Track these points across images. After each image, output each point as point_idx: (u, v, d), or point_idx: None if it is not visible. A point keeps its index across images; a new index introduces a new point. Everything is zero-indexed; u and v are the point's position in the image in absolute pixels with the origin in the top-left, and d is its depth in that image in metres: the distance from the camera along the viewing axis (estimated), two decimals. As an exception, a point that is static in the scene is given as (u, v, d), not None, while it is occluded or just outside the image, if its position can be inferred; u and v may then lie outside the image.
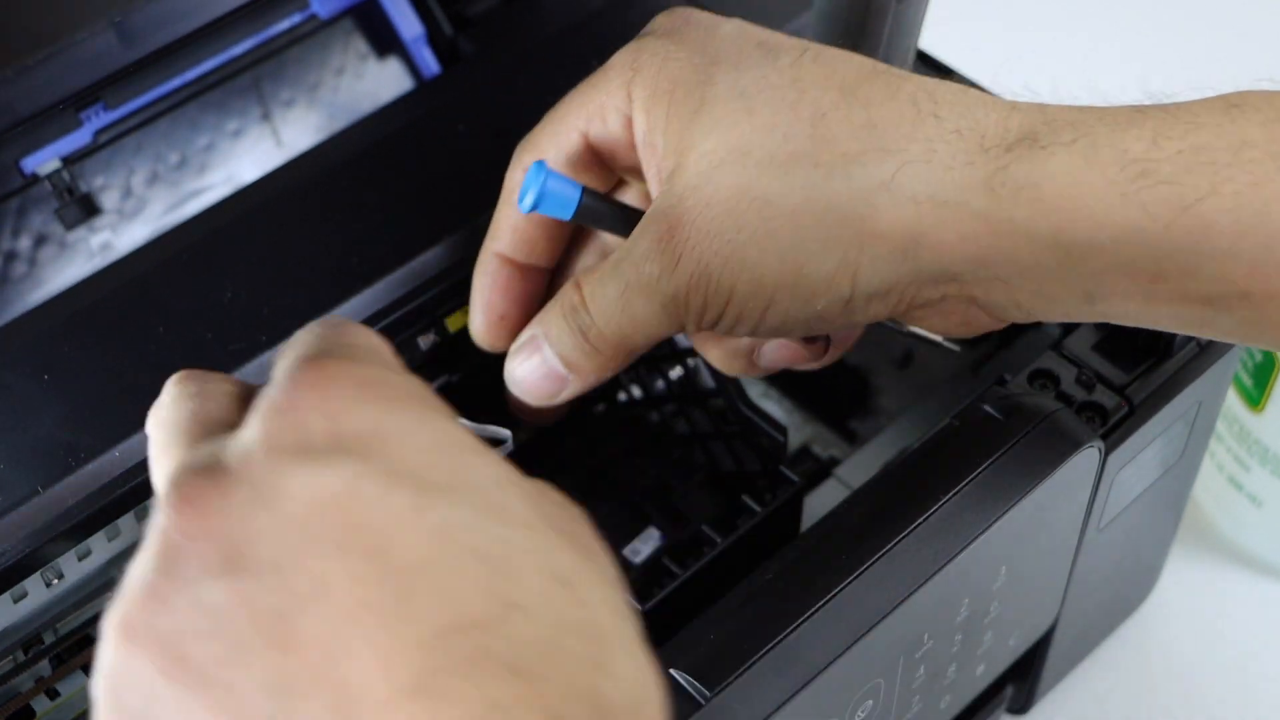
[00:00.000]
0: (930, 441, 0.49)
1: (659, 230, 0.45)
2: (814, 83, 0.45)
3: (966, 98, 0.44)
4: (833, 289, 0.44)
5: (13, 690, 0.50)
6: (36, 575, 0.48)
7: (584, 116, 0.48)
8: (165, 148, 0.58)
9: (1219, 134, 0.41)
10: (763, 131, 0.44)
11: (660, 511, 0.53)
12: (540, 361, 0.48)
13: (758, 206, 0.44)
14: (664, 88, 0.46)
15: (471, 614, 0.29)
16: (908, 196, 0.42)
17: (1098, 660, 0.66)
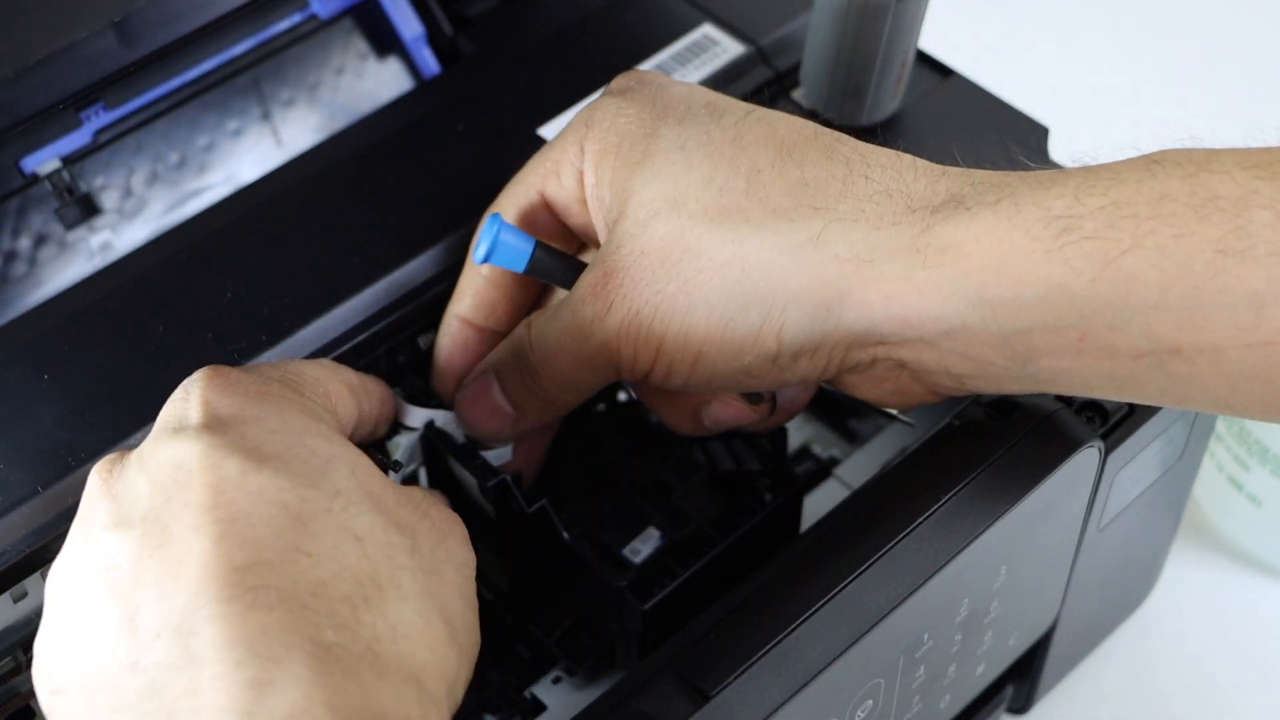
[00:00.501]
0: (930, 441, 0.49)
1: (595, 276, 0.46)
2: (754, 141, 0.46)
3: (899, 162, 0.45)
4: (759, 344, 0.45)
5: (13, 690, 0.50)
6: (36, 575, 0.48)
7: (541, 175, 0.49)
8: (165, 148, 0.58)
9: (1139, 189, 0.41)
10: (699, 185, 0.45)
11: (660, 511, 0.53)
12: (489, 399, 0.50)
13: (689, 257, 0.45)
14: (612, 142, 0.47)
15: (266, 555, 0.38)
16: (832, 254, 0.43)
17: (1098, 660, 0.66)
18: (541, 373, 0.49)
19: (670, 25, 0.61)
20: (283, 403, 0.42)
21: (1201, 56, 0.90)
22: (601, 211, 0.48)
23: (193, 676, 0.36)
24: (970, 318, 0.43)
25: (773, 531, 0.52)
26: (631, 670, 0.47)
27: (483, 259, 0.48)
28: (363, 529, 0.40)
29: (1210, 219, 0.40)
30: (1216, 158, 0.41)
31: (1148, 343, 0.41)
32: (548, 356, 0.48)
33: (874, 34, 0.54)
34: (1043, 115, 0.59)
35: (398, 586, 0.39)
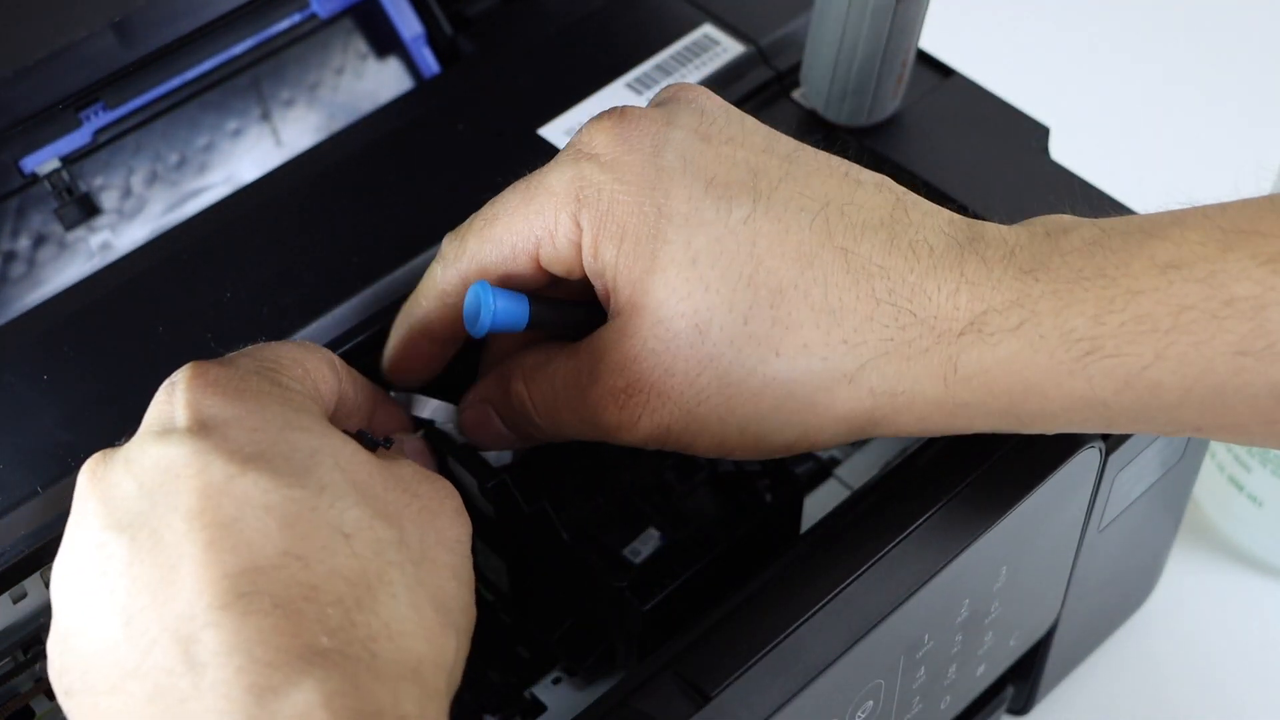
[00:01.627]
0: (930, 442, 0.49)
1: (618, 384, 0.46)
2: (769, 250, 0.45)
3: (917, 267, 0.44)
4: (793, 448, 0.47)
5: (13, 690, 0.50)
6: (36, 575, 0.48)
7: (532, 240, 0.47)
8: (165, 148, 0.58)
9: (1158, 301, 0.42)
10: (721, 309, 0.45)
11: (660, 511, 0.53)
12: (492, 427, 0.51)
13: (718, 385, 0.45)
14: (612, 232, 0.45)
15: (257, 560, 0.38)
16: (867, 389, 0.45)
17: (1098, 660, 0.66)
18: (545, 428, 0.49)
19: (670, 25, 0.61)
20: (262, 398, 0.42)
21: (1202, 56, 0.90)
22: (605, 289, 0.47)
23: (195, 682, 0.37)
24: (998, 427, 0.45)
25: (773, 532, 0.52)
26: (631, 670, 0.47)
27: (483, 332, 0.47)
28: (350, 525, 0.40)
29: (1228, 324, 0.41)
30: (1233, 251, 0.41)
31: (1171, 429, 0.43)
32: (557, 426, 0.49)
33: (874, 34, 0.54)
34: (1043, 115, 0.59)
35: (388, 583, 0.39)
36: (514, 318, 0.48)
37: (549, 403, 0.48)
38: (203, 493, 0.39)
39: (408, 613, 0.39)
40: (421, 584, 0.40)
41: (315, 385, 0.45)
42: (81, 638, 0.40)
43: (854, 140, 0.57)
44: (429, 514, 0.42)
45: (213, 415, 0.41)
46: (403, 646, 0.38)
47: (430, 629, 0.40)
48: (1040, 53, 0.90)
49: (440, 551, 0.42)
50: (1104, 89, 0.88)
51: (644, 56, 0.59)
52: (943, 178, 0.55)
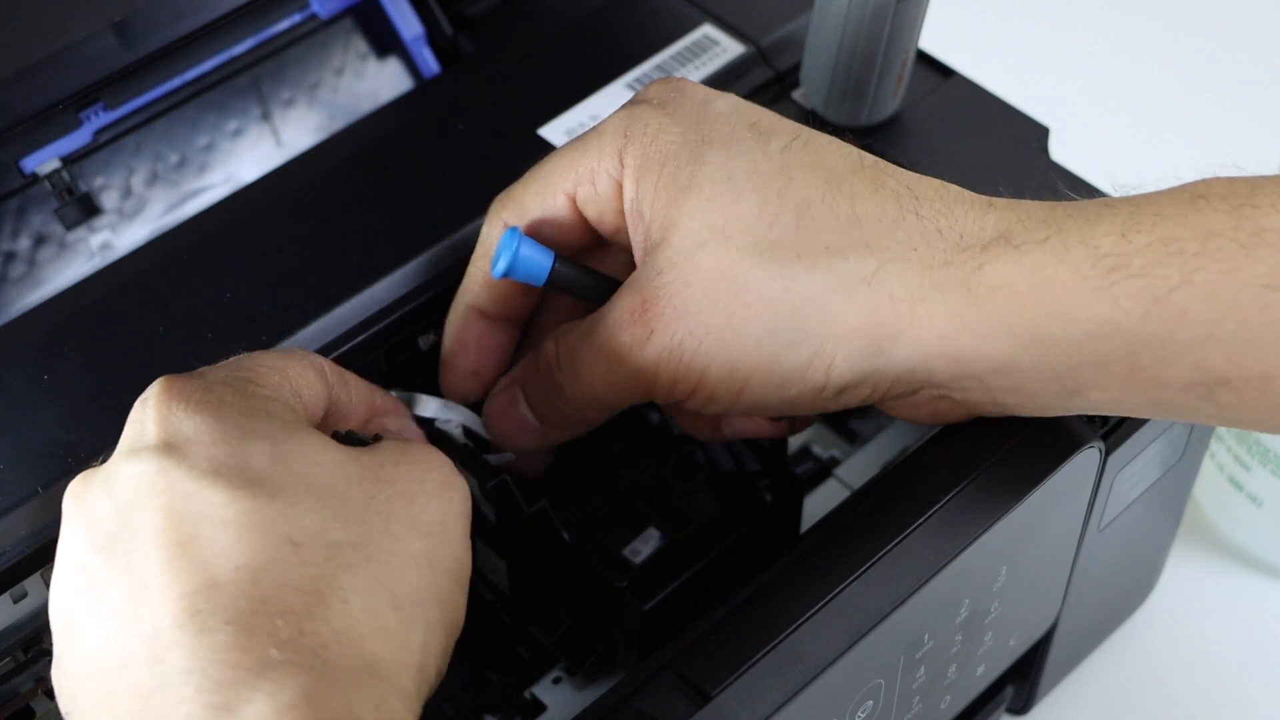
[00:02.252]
0: (930, 441, 0.49)
1: (635, 301, 0.46)
2: (802, 171, 0.46)
3: (946, 195, 0.45)
4: (806, 378, 0.45)
5: (13, 690, 0.50)
6: (36, 575, 0.48)
7: (572, 178, 0.48)
8: (165, 148, 0.58)
9: (1185, 224, 0.41)
10: (748, 217, 0.45)
11: (660, 511, 0.53)
12: (516, 413, 0.50)
13: (736, 291, 0.45)
14: (655, 160, 0.47)
15: (212, 577, 0.38)
16: (886, 294, 0.44)
17: (1098, 660, 0.66)
18: (569, 392, 0.48)
19: (670, 25, 0.61)
20: (224, 409, 0.42)
21: (1202, 56, 0.90)
22: (640, 228, 0.47)
23: (163, 702, 0.37)
24: (1020, 356, 0.43)
25: (773, 532, 0.52)
26: (631, 670, 0.47)
27: (502, 274, 0.48)
28: (301, 533, 0.39)
29: (1257, 254, 0.40)
30: (1261, 190, 0.41)
31: (1197, 374, 0.42)
32: (578, 376, 0.48)
33: (875, 34, 0.54)
34: (1043, 115, 0.59)
35: (338, 588, 0.39)
36: (534, 267, 0.48)
37: (573, 352, 0.48)
38: (165, 511, 0.39)
39: (360, 616, 0.39)
40: (380, 583, 0.40)
41: (296, 391, 0.45)
42: (69, 659, 0.40)
43: (854, 140, 0.57)
44: (402, 499, 0.42)
45: (177, 430, 0.41)
46: (356, 651, 0.38)
47: (388, 629, 0.39)
48: (1040, 53, 0.90)
49: (412, 540, 0.41)
50: (1104, 89, 0.88)
51: (644, 56, 0.59)
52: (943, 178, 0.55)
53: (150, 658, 0.38)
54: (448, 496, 0.43)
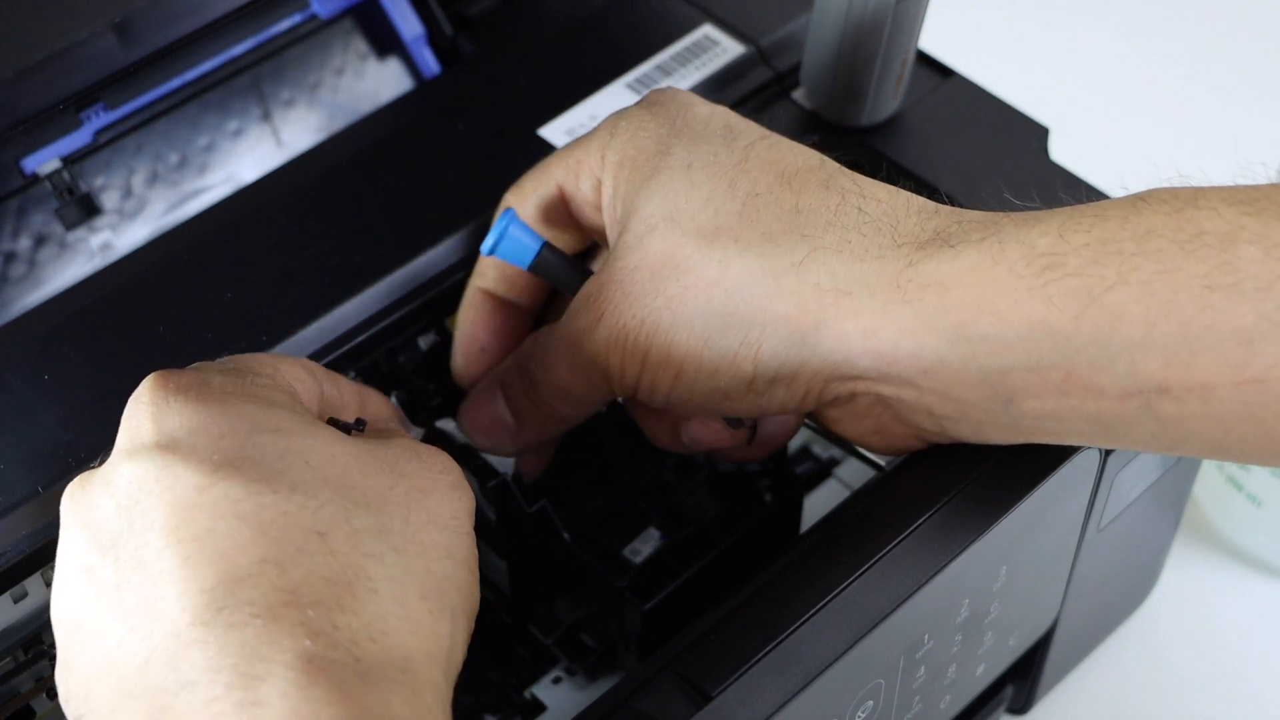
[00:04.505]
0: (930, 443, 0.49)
1: (592, 287, 0.47)
2: (758, 165, 0.46)
3: (895, 199, 0.45)
4: (735, 366, 0.45)
5: (13, 690, 0.50)
6: (36, 575, 0.48)
7: (564, 169, 0.49)
8: (165, 148, 0.58)
9: (1124, 225, 0.41)
10: (697, 204, 0.45)
11: (660, 511, 0.53)
12: (492, 409, 0.50)
13: (678, 274, 0.45)
14: (630, 155, 0.48)
15: (234, 571, 0.37)
16: (812, 283, 0.44)
17: (1098, 660, 0.66)
18: (540, 382, 0.49)
19: (670, 25, 0.61)
20: (226, 400, 0.41)
21: (1203, 55, 0.90)
22: (612, 222, 0.48)
23: (188, 700, 0.36)
24: (949, 355, 0.42)
25: (773, 532, 0.52)
26: (631, 670, 0.47)
27: (488, 250, 0.49)
28: (324, 523, 0.39)
29: (1197, 254, 0.39)
30: (1203, 195, 0.41)
31: (1134, 382, 0.40)
32: (547, 365, 0.48)
33: (874, 34, 0.54)
34: (1043, 115, 0.59)
35: (368, 579, 0.38)
36: (520, 249, 0.49)
37: (544, 343, 0.48)
38: (175, 507, 0.39)
39: (391, 607, 0.38)
40: (407, 572, 0.39)
41: (289, 384, 0.45)
42: (81, 662, 0.40)
43: (854, 140, 0.57)
44: (418, 493, 0.41)
45: (178, 425, 0.40)
46: (389, 645, 0.38)
47: (418, 620, 0.39)
48: (1040, 53, 0.90)
49: (431, 531, 0.41)
50: (1104, 89, 0.88)
51: (644, 56, 0.59)
52: (943, 178, 0.56)
53: (172, 655, 0.37)
54: (458, 495, 0.43)
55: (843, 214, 0.45)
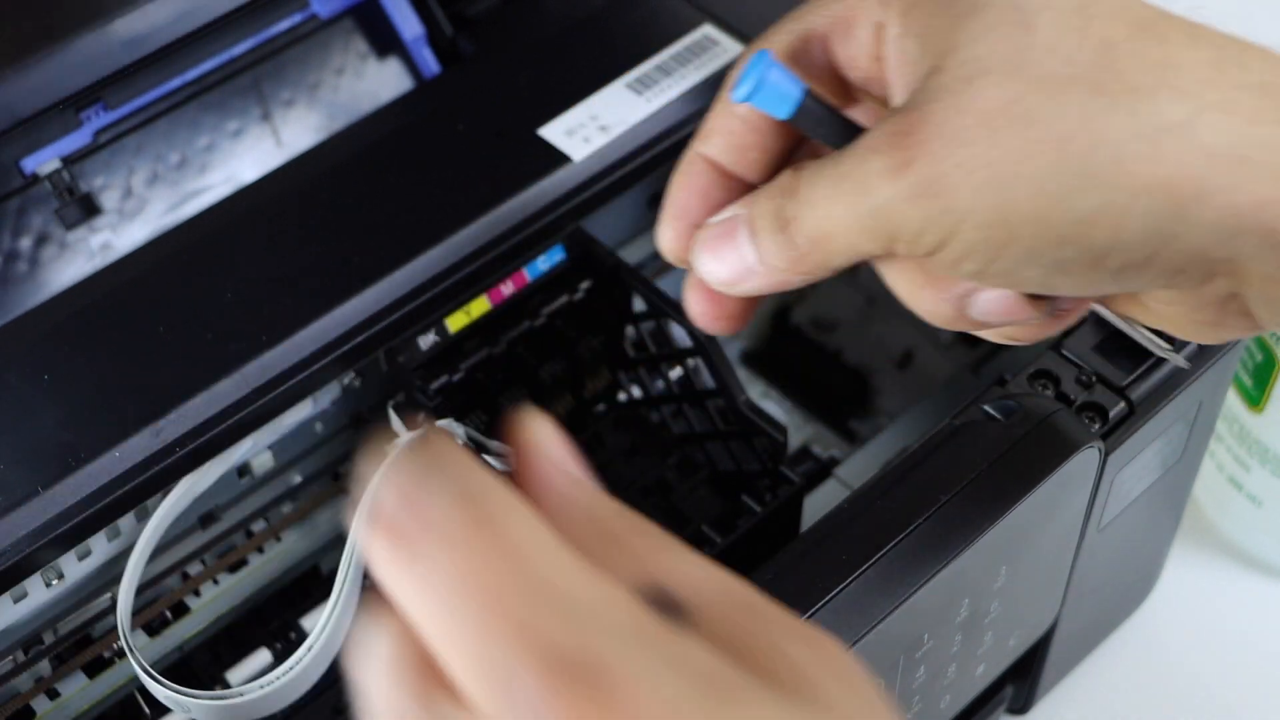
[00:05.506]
0: (930, 442, 0.49)
1: (896, 126, 0.39)
2: (1104, 12, 0.39)
3: (1273, 56, 0.39)
4: (1090, 235, 0.38)
5: (13, 690, 0.50)
6: (36, 575, 0.48)
7: (827, 21, 0.43)
8: (165, 148, 0.58)
9: None
10: (1041, 50, 0.39)
11: (660, 511, 0.53)
12: (734, 243, 0.43)
13: (1021, 125, 0.38)
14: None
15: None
16: (1201, 145, 0.37)
17: (1098, 660, 0.66)
18: (801, 223, 0.41)
19: (670, 25, 0.61)
20: None
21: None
22: (905, 64, 0.41)
23: None
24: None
25: (773, 531, 0.52)
26: (631, 670, 0.47)
27: (744, 97, 0.42)
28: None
29: None
30: None
31: None
32: (814, 205, 0.41)
33: (874, 34, 0.54)
34: (1043, 115, 0.59)
35: None
36: (781, 96, 0.42)
37: (813, 178, 0.41)
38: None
39: None
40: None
41: None
42: None
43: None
44: None
45: None
46: None
47: None
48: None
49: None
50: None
51: (644, 57, 0.59)
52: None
53: None
54: None
55: (1223, 71, 0.38)
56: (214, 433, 0.49)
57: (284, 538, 0.56)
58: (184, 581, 0.54)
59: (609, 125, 0.57)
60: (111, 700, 0.53)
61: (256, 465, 0.53)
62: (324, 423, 0.55)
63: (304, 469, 0.56)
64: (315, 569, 0.58)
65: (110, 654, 0.52)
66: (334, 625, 0.50)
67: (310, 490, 0.56)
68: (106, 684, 0.53)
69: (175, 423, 0.49)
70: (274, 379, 0.50)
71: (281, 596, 0.58)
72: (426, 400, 0.53)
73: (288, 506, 0.56)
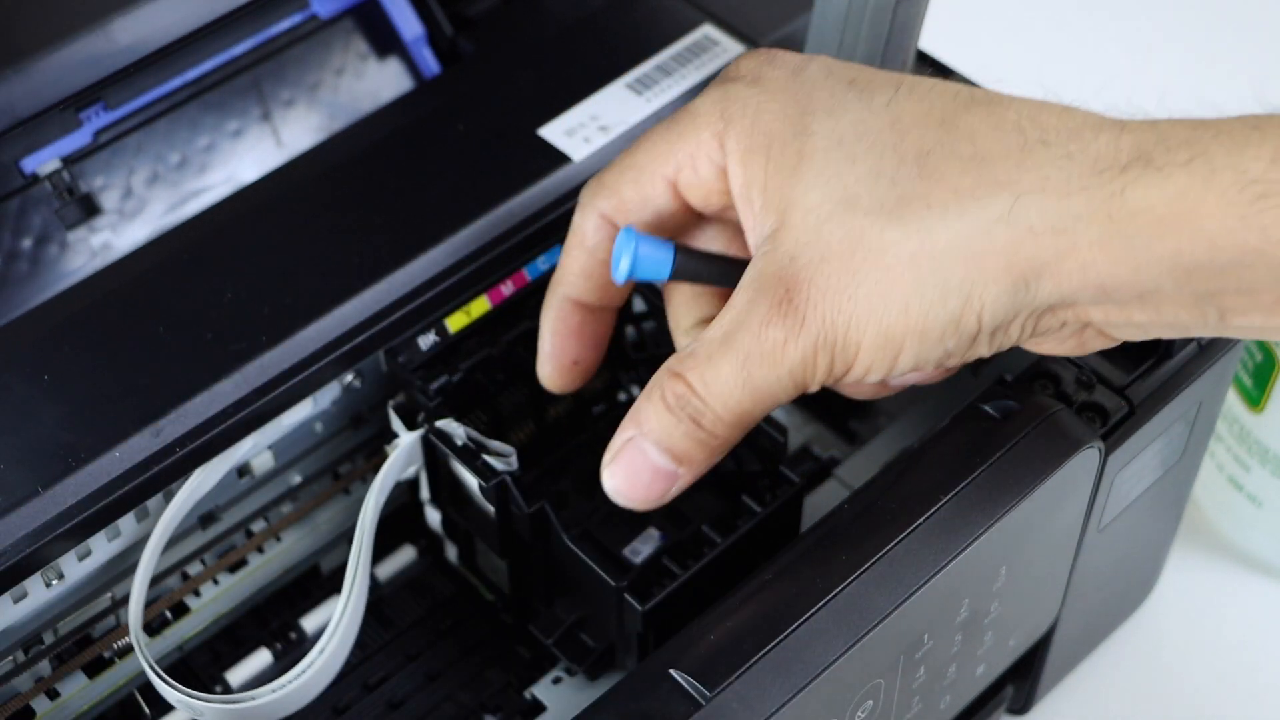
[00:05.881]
0: (930, 441, 0.49)
1: (776, 295, 0.44)
2: (913, 121, 0.44)
3: (1072, 120, 0.44)
4: (961, 328, 0.43)
5: (13, 690, 0.50)
6: (36, 575, 0.48)
7: (672, 164, 0.47)
8: (165, 148, 0.58)
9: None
10: (868, 179, 0.44)
11: (660, 511, 0.53)
12: (645, 463, 0.47)
13: (874, 256, 0.43)
14: (760, 142, 0.45)
15: None
16: (1026, 228, 0.42)
17: (1098, 660, 0.66)
18: (716, 413, 0.46)
19: (670, 25, 0.61)
20: None
21: (1202, 56, 0.90)
22: (751, 215, 0.46)
23: None
24: (1164, 282, 0.41)
25: (773, 531, 0.52)
26: (631, 670, 0.47)
27: (625, 276, 0.46)
28: None
29: None
30: None
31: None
32: (727, 395, 0.45)
33: (874, 34, 0.54)
34: (1043, 115, 0.58)
35: None
36: (657, 263, 0.46)
37: (710, 373, 0.45)
38: None
39: None
40: None
41: None
42: None
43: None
44: None
45: None
46: None
47: None
48: (1040, 53, 0.90)
49: None
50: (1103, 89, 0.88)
51: (644, 57, 0.59)
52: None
53: None
54: None
55: (1029, 153, 0.43)
56: (214, 433, 0.49)
57: (284, 538, 0.56)
58: (184, 581, 0.54)
59: (609, 125, 0.57)
60: (111, 700, 0.53)
61: (256, 465, 0.53)
62: (324, 423, 0.55)
63: (304, 469, 0.56)
64: (315, 569, 0.58)
65: (110, 654, 0.52)
66: (344, 629, 0.50)
67: (310, 490, 0.56)
68: (106, 684, 0.53)
69: (175, 423, 0.49)
70: (274, 379, 0.50)
71: (281, 596, 0.58)
72: (426, 400, 0.53)
73: (288, 506, 0.56)
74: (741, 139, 0.46)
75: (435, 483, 0.55)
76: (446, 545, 0.58)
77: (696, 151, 0.47)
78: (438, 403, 0.53)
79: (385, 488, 0.52)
